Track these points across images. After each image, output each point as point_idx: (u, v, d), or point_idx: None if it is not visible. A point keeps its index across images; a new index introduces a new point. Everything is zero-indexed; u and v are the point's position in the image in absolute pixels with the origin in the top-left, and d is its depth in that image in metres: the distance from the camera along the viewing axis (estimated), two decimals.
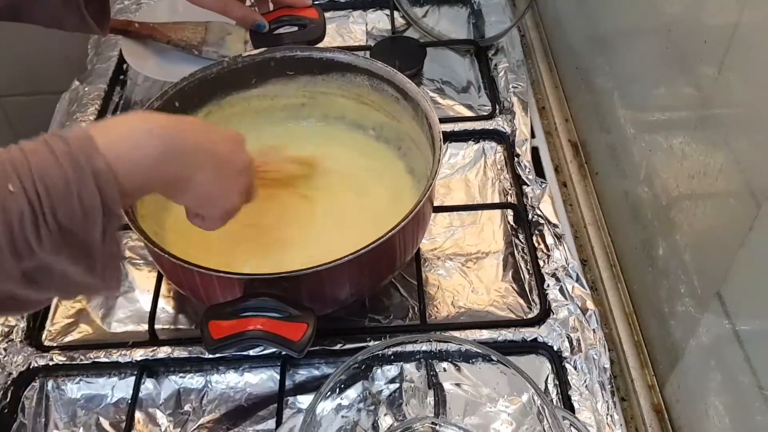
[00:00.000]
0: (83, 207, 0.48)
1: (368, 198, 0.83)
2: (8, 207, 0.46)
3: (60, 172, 0.47)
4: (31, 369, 0.76)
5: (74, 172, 0.48)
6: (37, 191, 0.46)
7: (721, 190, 0.59)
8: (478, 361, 0.66)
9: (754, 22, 0.53)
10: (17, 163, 0.47)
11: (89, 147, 0.49)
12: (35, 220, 0.46)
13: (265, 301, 0.65)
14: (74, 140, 0.49)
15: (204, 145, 0.59)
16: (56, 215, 0.47)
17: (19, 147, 0.48)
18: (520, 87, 1.01)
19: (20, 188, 0.46)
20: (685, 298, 0.67)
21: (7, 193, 0.46)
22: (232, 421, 0.73)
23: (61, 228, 0.48)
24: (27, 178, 0.46)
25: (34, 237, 0.47)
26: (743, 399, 0.57)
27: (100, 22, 0.86)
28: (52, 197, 0.47)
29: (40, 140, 0.49)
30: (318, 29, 0.95)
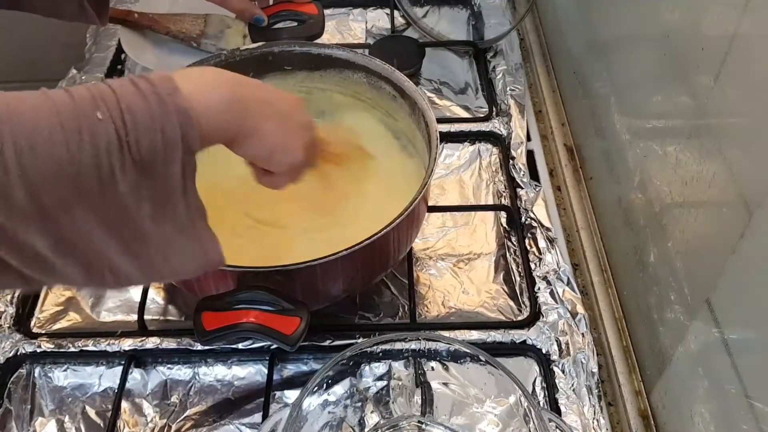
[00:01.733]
0: (165, 140, 0.50)
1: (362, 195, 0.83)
2: (96, 133, 0.47)
3: (145, 104, 0.49)
4: (19, 356, 0.75)
5: (158, 106, 0.49)
6: (123, 120, 0.48)
7: (714, 198, 0.59)
8: (467, 361, 0.66)
9: (751, 32, 0.53)
10: (105, 95, 0.48)
11: (171, 87, 0.51)
12: (121, 148, 0.48)
13: (258, 294, 0.65)
14: (157, 80, 0.51)
15: (267, 99, 0.61)
16: (140, 145, 0.48)
17: (105, 83, 0.50)
18: (518, 90, 1.02)
19: (108, 117, 0.48)
20: (674, 305, 0.67)
21: (95, 120, 0.47)
22: (218, 414, 0.72)
23: (143, 160, 0.49)
24: (114, 108, 0.48)
25: (119, 165, 0.48)
26: (729, 407, 0.57)
27: (100, 12, 0.86)
28: (137, 127, 0.48)
29: (125, 79, 0.51)
30: (317, 25, 0.95)
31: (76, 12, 0.83)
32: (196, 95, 0.53)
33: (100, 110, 0.48)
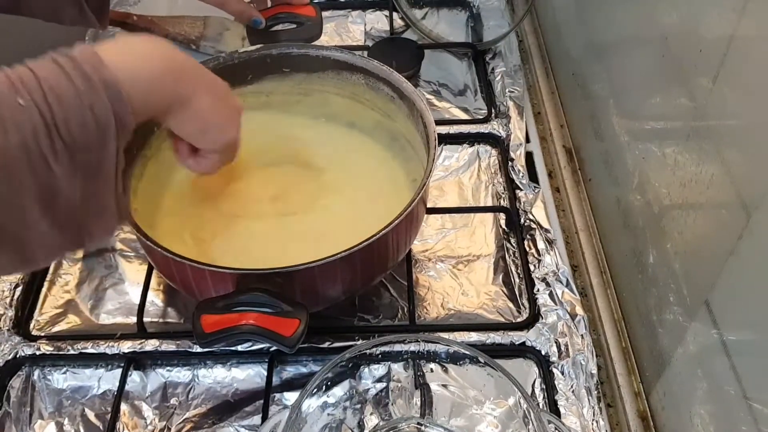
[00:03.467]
0: (96, 118, 0.48)
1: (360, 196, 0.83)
2: (20, 121, 0.45)
3: (69, 83, 0.47)
4: (18, 358, 0.75)
5: (84, 83, 0.47)
6: (48, 103, 0.46)
7: (712, 199, 0.60)
8: (466, 362, 0.66)
9: (750, 34, 0.53)
10: (25, 77, 0.46)
11: (95, 60, 0.49)
12: (49, 133, 0.46)
13: (257, 296, 0.65)
14: (80, 55, 0.49)
15: (202, 72, 0.61)
16: (70, 127, 0.46)
17: (24, 65, 0.48)
18: (517, 92, 1.02)
19: (30, 101, 0.45)
20: (673, 306, 0.67)
21: (17, 107, 0.45)
22: (217, 416, 0.72)
23: (75, 142, 0.47)
24: (36, 91, 0.46)
25: (50, 151, 0.46)
26: (728, 408, 0.57)
27: (100, 15, 0.86)
28: (64, 108, 0.46)
29: (46, 57, 0.48)
30: (315, 27, 0.95)
31: (76, 16, 0.83)
32: (123, 66, 0.50)
33: (21, 95, 0.45)
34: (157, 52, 0.56)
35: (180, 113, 0.59)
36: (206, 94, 0.60)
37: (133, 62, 0.53)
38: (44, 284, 0.83)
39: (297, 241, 0.79)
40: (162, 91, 0.56)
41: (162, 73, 0.55)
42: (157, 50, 0.56)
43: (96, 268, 0.84)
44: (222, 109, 0.62)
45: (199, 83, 0.59)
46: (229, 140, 0.64)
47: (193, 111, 0.59)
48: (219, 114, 0.62)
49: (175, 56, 0.58)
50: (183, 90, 0.57)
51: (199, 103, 0.59)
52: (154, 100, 0.55)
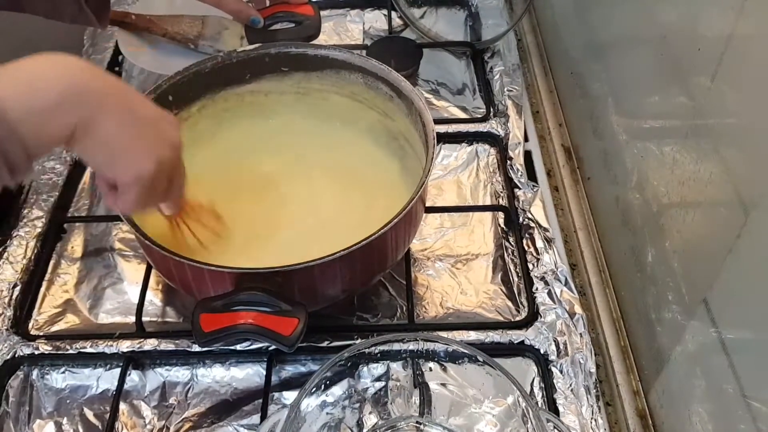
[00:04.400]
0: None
1: (359, 196, 0.83)
2: None
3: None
4: (17, 358, 0.75)
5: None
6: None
7: (711, 198, 0.60)
8: (465, 361, 0.66)
9: (748, 33, 0.53)
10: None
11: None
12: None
13: (256, 295, 0.65)
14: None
15: (117, 92, 0.54)
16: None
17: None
18: (515, 90, 1.02)
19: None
20: (672, 305, 0.67)
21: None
22: (216, 415, 0.72)
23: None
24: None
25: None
26: (727, 406, 0.57)
27: (99, 14, 0.86)
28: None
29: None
30: (313, 26, 0.95)
31: (75, 14, 0.83)
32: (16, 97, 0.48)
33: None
34: (56, 75, 0.51)
35: (83, 140, 0.53)
36: (114, 116, 0.53)
37: (27, 91, 0.49)
38: (43, 284, 0.83)
39: (296, 240, 0.79)
40: (60, 119, 0.51)
41: (60, 99, 0.50)
42: (57, 72, 0.52)
43: (95, 268, 0.84)
44: (135, 134, 0.55)
45: (106, 105, 0.53)
46: (142, 172, 0.56)
47: (98, 137, 0.53)
48: (130, 139, 0.55)
49: (78, 77, 0.52)
50: (84, 114, 0.52)
51: (105, 127, 0.53)
52: (51, 130, 0.51)
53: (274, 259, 0.68)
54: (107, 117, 0.53)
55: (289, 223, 0.81)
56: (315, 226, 0.80)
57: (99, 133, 0.53)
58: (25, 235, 0.85)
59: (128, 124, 0.55)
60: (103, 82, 0.54)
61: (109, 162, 0.56)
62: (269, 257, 0.70)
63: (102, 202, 0.62)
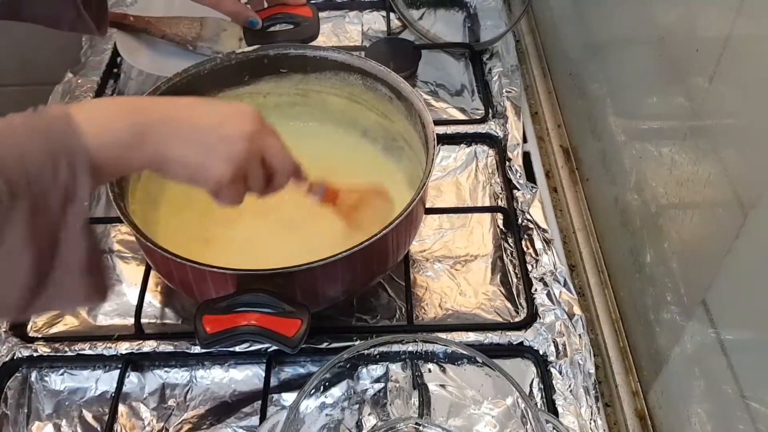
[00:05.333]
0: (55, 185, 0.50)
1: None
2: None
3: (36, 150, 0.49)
4: (15, 360, 0.75)
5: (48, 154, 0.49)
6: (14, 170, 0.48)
7: (709, 198, 0.60)
8: (464, 362, 0.66)
9: (746, 34, 0.53)
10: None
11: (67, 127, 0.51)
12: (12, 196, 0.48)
13: (258, 297, 0.65)
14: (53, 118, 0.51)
15: (173, 115, 0.58)
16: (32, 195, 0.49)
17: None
18: (514, 92, 1.02)
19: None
20: (670, 306, 0.67)
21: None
22: (215, 417, 0.72)
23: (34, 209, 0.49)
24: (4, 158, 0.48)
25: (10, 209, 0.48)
26: (726, 407, 0.57)
27: (98, 22, 0.86)
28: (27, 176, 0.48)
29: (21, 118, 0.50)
30: (312, 28, 0.95)
31: (74, 22, 0.83)
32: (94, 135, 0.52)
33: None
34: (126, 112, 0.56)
35: (162, 167, 0.58)
36: (178, 141, 0.58)
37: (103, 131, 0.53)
38: None
39: (296, 241, 0.79)
40: (135, 154, 0.56)
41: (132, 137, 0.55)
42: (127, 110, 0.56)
43: None
44: (201, 147, 0.59)
45: (170, 134, 0.58)
46: (218, 178, 0.60)
47: (171, 164, 0.58)
48: (198, 155, 0.59)
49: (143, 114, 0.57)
50: (154, 147, 0.57)
51: (174, 154, 0.58)
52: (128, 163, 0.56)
53: (275, 260, 0.68)
54: (172, 144, 0.58)
55: (289, 224, 0.81)
56: (315, 228, 0.80)
57: (171, 160, 0.58)
58: None
59: (192, 142, 0.59)
60: (160, 110, 0.59)
61: (190, 179, 0.61)
62: (270, 259, 0.70)
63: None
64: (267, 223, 0.81)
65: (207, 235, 0.79)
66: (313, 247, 0.69)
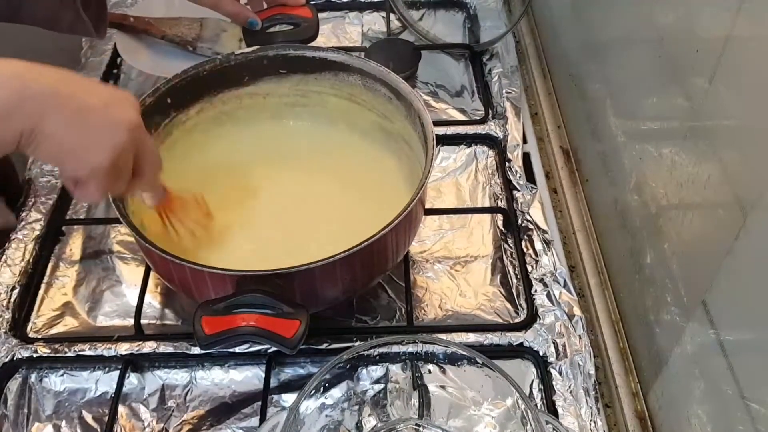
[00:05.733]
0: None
1: (359, 198, 0.83)
2: None
3: None
4: (15, 361, 0.75)
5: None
6: None
7: (709, 199, 0.60)
8: (464, 363, 0.66)
9: (745, 34, 0.53)
10: None
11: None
12: None
13: (257, 298, 0.65)
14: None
15: (61, 89, 0.55)
16: None
17: None
18: (514, 92, 1.02)
19: None
20: (670, 307, 0.67)
21: None
22: (215, 418, 0.72)
23: None
24: None
25: None
26: (726, 408, 0.57)
27: (98, 24, 0.86)
28: None
29: None
30: (311, 28, 0.95)
31: (73, 24, 0.83)
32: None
33: None
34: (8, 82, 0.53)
35: (31, 145, 0.54)
36: (59, 116, 0.54)
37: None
38: (41, 286, 0.83)
39: (295, 242, 0.79)
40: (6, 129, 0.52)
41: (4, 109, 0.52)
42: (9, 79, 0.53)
43: (93, 270, 0.84)
44: (83, 129, 0.55)
45: (49, 107, 0.54)
46: (97, 163, 0.56)
47: (46, 140, 0.54)
48: (78, 136, 0.55)
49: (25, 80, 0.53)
50: (27, 122, 0.53)
51: (51, 129, 0.54)
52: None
53: (274, 261, 0.68)
54: (52, 119, 0.54)
55: (288, 225, 0.81)
56: (314, 228, 0.80)
57: (46, 137, 0.54)
58: (24, 238, 0.85)
59: (75, 121, 0.55)
60: (45, 82, 0.54)
61: (62, 161, 0.57)
62: (269, 259, 0.70)
63: (76, 200, 0.62)
64: (266, 224, 0.81)
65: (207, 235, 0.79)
66: (313, 248, 0.69)
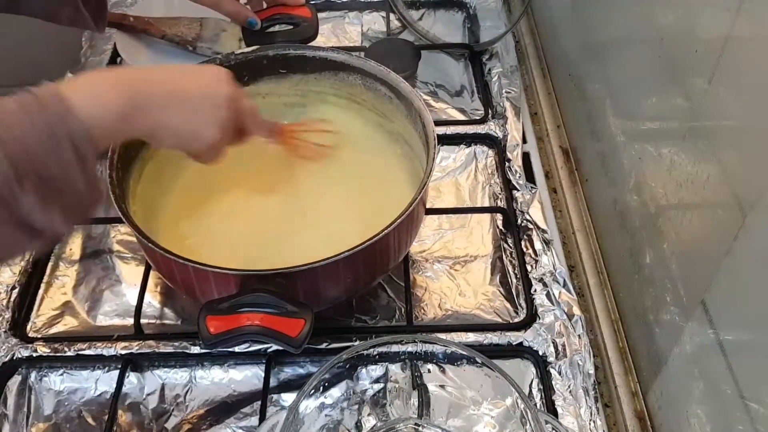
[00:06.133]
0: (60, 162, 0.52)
1: (360, 197, 0.83)
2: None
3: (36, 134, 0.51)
4: (15, 360, 0.75)
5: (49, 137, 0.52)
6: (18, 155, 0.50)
7: (708, 199, 0.60)
8: (463, 363, 0.66)
9: (744, 35, 0.53)
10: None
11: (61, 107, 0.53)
12: (18, 178, 0.50)
13: (261, 297, 0.65)
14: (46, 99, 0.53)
15: (173, 88, 0.63)
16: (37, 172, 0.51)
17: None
18: (513, 92, 1.02)
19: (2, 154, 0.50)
20: (670, 306, 0.67)
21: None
22: (215, 417, 0.72)
23: (41, 178, 0.51)
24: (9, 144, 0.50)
25: (19, 189, 0.50)
26: (725, 408, 0.57)
27: (97, 18, 0.86)
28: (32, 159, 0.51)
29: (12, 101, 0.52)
30: (311, 28, 0.95)
31: (73, 16, 0.83)
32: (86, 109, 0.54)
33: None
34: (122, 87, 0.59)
35: (156, 138, 0.64)
36: (176, 111, 0.63)
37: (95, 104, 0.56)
38: (41, 286, 0.83)
39: (296, 242, 0.79)
40: (127, 127, 0.59)
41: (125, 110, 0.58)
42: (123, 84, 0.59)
43: (93, 270, 0.84)
44: (195, 119, 0.65)
45: (168, 105, 0.62)
46: (210, 143, 0.66)
47: (166, 133, 0.63)
48: (192, 126, 0.65)
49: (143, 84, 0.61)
50: (150, 120, 0.61)
51: (169, 124, 0.63)
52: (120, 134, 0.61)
53: (277, 260, 0.68)
54: (169, 117, 0.63)
55: (289, 225, 0.81)
56: (316, 228, 0.80)
57: (166, 132, 0.63)
58: None
59: (184, 110, 0.64)
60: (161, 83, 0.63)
61: (182, 146, 0.67)
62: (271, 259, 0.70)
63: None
64: (267, 224, 0.81)
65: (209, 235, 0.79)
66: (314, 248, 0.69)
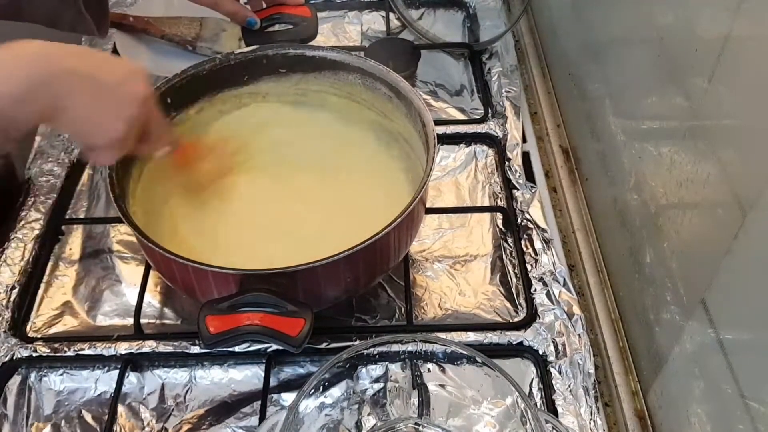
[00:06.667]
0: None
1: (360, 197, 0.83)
2: None
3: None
4: (14, 360, 0.75)
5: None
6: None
7: (708, 198, 0.60)
8: (463, 362, 0.66)
9: (744, 34, 0.53)
10: None
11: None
12: None
13: (261, 296, 0.65)
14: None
15: (81, 69, 0.60)
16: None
17: None
18: (513, 92, 1.02)
19: None
20: (670, 306, 0.67)
21: None
22: (215, 417, 0.72)
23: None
24: None
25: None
26: (725, 407, 0.57)
27: (99, 23, 0.86)
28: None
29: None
30: (310, 27, 0.95)
31: (75, 21, 0.83)
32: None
33: None
34: (26, 60, 0.56)
35: (54, 120, 0.59)
36: (79, 94, 0.59)
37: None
38: (41, 286, 0.83)
39: (297, 241, 0.79)
40: (29, 106, 0.56)
41: (28, 87, 0.55)
42: (28, 57, 0.56)
43: (93, 270, 0.84)
44: (101, 104, 0.61)
45: (74, 83, 0.59)
46: (112, 136, 0.62)
47: (67, 115, 0.59)
48: (97, 111, 0.61)
49: (49, 59, 0.57)
50: (53, 99, 0.57)
51: (72, 106, 0.59)
52: (22, 116, 0.56)
53: (276, 260, 0.68)
54: (72, 96, 0.58)
55: (289, 224, 0.80)
56: (316, 228, 0.80)
57: (67, 112, 0.59)
58: (23, 237, 0.85)
59: (94, 97, 0.60)
60: (69, 61, 0.59)
61: (82, 133, 0.63)
62: (271, 259, 0.70)
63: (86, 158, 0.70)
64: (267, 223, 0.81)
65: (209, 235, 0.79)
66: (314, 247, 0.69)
